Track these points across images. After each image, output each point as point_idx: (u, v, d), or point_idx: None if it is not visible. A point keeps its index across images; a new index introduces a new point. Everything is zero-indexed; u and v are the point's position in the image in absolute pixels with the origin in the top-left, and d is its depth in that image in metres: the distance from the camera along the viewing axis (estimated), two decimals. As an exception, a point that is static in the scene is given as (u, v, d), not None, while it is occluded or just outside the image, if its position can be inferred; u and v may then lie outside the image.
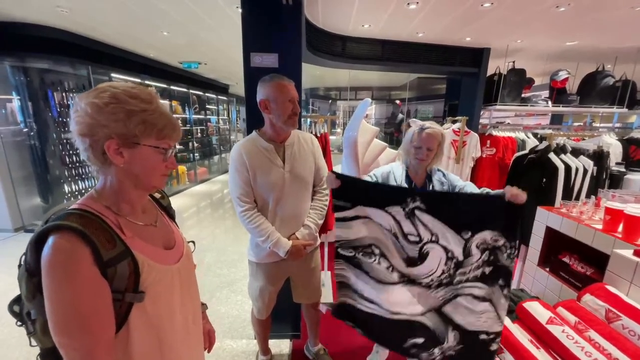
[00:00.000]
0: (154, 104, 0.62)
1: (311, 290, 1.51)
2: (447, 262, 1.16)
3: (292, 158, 1.30)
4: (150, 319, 0.64)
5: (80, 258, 0.54)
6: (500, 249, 1.12)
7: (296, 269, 1.44)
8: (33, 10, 2.86)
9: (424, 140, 1.30)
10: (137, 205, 0.68)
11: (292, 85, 1.23)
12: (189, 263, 0.79)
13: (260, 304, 1.45)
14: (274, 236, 1.26)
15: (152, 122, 0.61)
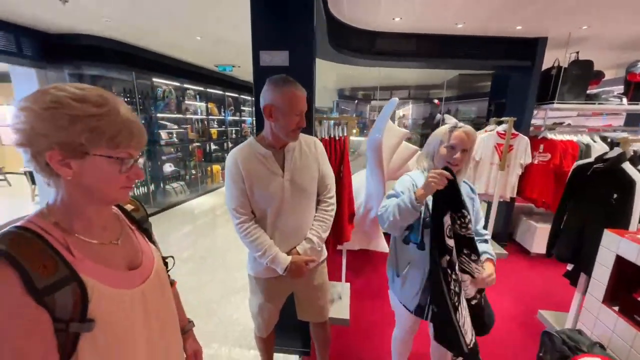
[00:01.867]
0: (105, 107, 0.53)
1: (316, 309, 1.37)
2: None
3: (293, 165, 1.17)
4: (103, 350, 0.56)
5: (6, 289, 0.46)
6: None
7: (299, 286, 1.31)
8: (84, 21, 3.13)
9: (460, 138, 1.10)
10: (94, 221, 0.60)
11: (304, 95, 1.11)
12: (159, 284, 0.70)
13: (260, 321, 1.35)
14: (272, 251, 1.15)
15: (101, 128, 0.52)
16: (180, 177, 5.46)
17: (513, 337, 2.04)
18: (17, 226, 0.52)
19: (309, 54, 1.38)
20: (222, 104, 6.56)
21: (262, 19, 1.36)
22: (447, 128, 1.14)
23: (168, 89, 4.91)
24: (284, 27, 1.36)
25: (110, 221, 0.66)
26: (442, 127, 1.18)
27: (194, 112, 5.76)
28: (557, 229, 2.00)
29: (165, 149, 5.04)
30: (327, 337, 1.51)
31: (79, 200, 0.57)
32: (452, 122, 1.17)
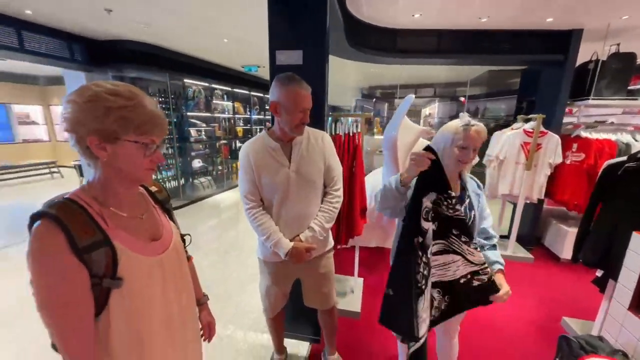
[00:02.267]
0: (134, 100, 0.63)
1: (321, 296, 1.44)
2: None
3: (299, 157, 1.24)
4: (128, 307, 0.67)
5: (55, 244, 0.57)
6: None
7: (303, 272, 1.38)
8: (125, 28, 3.44)
9: (473, 138, 1.08)
10: (123, 197, 0.71)
11: (308, 93, 1.18)
12: (177, 256, 0.80)
13: (267, 302, 1.44)
14: (275, 236, 1.23)
15: (130, 118, 0.63)
16: (207, 172, 5.77)
17: (532, 343, 1.96)
18: (64, 197, 0.64)
19: (322, 52, 1.44)
20: (247, 103, 6.82)
21: (277, 20, 1.45)
22: (460, 126, 1.10)
23: (198, 89, 5.22)
24: (298, 27, 1.43)
25: (137, 199, 0.77)
26: (452, 124, 1.14)
27: (222, 111, 6.05)
28: (584, 231, 1.89)
29: (194, 146, 5.36)
30: (334, 324, 1.57)
31: (112, 179, 0.67)
32: (464, 120, 1.12)
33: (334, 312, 1.53)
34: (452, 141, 1.11)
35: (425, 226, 1.03)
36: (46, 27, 3.38)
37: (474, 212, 1.16)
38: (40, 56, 3.42)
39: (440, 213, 1.05)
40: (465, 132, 1.09)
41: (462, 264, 1.10)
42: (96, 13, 2.91)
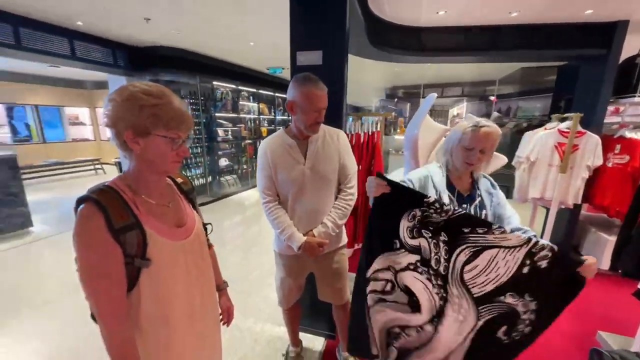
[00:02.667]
0: (164, 99, 0.71)
1: (334, 291, 1.46)
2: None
3: (315, 154, 1.28)
4: (156, 286, 0.75)
5: (95, 223, 0.66)
6: (522, 321, 0.95)
7: (317, 267, 1.42)
8: (161, 35, 3.69)
9: (479, 139, 1.05)
10: (153, 186, 0.79)
11: (323, 93, 1.21)
12: (198, 242, 0.87)
13: (281, 294, 1.49)
14: (289, 230, 1.28)
15: (160, 114, 0.70)
16: (233, 170, 6.00)
17: (564, 357, 1.84)
18: (104, 184, 0.74)
19: (342, 52, 1.47)
20: (272, 104, 7.01)
21: (298, 21, 1.50)
22: (468, 127, 1.07)
23: (225, 91, 5.46)
24: (318, 28, 1.47)
25: (165, 188, 0.85)
26: (462, 123, 1.12)
27: (247, 112, 6.27)
28: (624, 238, 1.75)
29: (221, 145, 5.61)
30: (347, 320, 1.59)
31: (144, 170, 0.76)
32: (473, 121, 1.08)
33: (347, 307, 1.55)
34: (459, 141, 1.09)
35: (415, 243, 0.99)
36: (94, 36, 3.73)
37: (485, 212, 1.13)
38: (88, 63, 3.78)
39: (435, 223, 0.96)
40: (472, 133, 1.05)
41: (504, 254, 0.91)
42: (136, 22, 3.16)
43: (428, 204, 0.96)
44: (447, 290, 0.98)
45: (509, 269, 0.92)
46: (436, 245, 0.98)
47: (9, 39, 2.99)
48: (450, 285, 0.98)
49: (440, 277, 0.99)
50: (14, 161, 3.43)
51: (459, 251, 0.95)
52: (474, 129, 1.06)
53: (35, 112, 6.89)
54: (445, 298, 0.99)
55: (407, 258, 1.01)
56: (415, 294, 1.02)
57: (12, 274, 2.66)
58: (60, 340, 1.88)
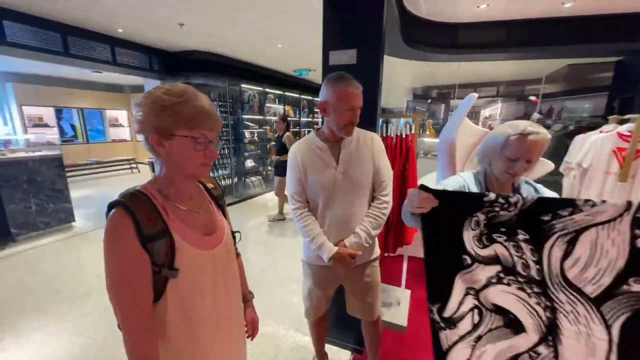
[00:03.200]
0: (184, 97, 0.66)
1: (365, 306, 1.36)
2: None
3: (347, 159, 1.20)
4: (183, 297, 0.71)
5: (125, 230, 0.63)
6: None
7: (347, 279, 1.33)
8: (193, 39, 3.81)
9: (526, 149, 0.90)
10: (183, 191, 0.76)
11: (358, 91, 1.13)
12: (227, 251, 0.83)
13: (308, 304, 1.42)
14: (319, 239, 1.20)
15: (180, 112, 0.66)
16: (258, 172, 6.08)
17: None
18: (135, 189, 0.71)
19: (377, 50, 1.39)
20: (297, 106, 7.03)
21: (332, 19, 1.43)
22: (513, 134, 0.92)
23: (253, 93, 5.54)
24: (353, 26, 1.40)
25: (195, 193, 0.81)
26: (504, 129, 0.95)
27: (273, 114, 6.33)
28: None
29: (247, 147, 5.70)
30: (378, 337, 1.48)
31: (173, 174, 0.72)
32: (518, 128, 0.92)
33: (378, 323, 1.44)
34: (501, 149, 0.94)
35: (490, 253, 0.80)
36: (132, 42, 3.94)
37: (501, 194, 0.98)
38: (127, 68, 3.99)
39: (506, 221, 0.78)
40: (518, 142, 0.90)
41: (606, 231, 0.71)
42: (171, 27, 3.28)
43: (490, 202, 0.78)
44: (549, 297, 0.77)
45: (620, 247, 0.71)
46: (516, 247, 0.78)
47: (58, 46, 3.22)
48: (552, 291, 0.77)
49: (535, 284, 0.78)
50: (60, 160, 3.68)
51: (549, 246, 0.76)
52: (520, 137, 0.91)
53: (81, 114, 7.45)
54: (551, 308, 0.78)
55: (485, 272, 0.82)
56: (510, 311, 0.81)
57: (55, 267, 2.84)
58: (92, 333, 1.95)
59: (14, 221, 3.28)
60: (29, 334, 1.94)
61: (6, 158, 3.26)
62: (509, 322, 0.81)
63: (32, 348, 1.83)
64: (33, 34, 3.01)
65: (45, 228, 3.56)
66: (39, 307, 2.21)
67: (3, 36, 2.79)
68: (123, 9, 2.77)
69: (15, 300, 2.30)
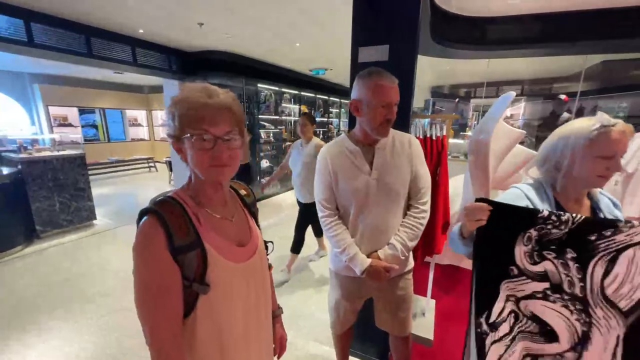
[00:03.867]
0: (180, 96, 0.61)
1: (397, 321, 1.27)
2: None
3: (382, 163, 1.10)
4: (214, 313, 0.65)
5: (156, 241, 0.58)
6: None
7: (378, 292, 1.24)
8: (211, 39, 3.80)
9: (619, 142, 0.78)
10: (213, 197, 0.69)
11: (393, 86, 1.03)
12: (261, 263, 0.77)
13: (335, 317, 1.34)
14: (352, 250, 1.11)
15: (175, 112, 0.61)
16: (273, 172, 6.05)
17: None
18: (167, 195, 0.65)
19: (411, 46, 1.29)
20: (313, 106, 6.96)
21: (363, 13, 1.35)
22: (592, 129, 0.79)
23: (269, 93, 5.51)
24: (385, 20, 1.31)
25: (228, 200, 0.74)
26: (579, 125, 0.82)
27: (288, 113, 6.29)
28: None
29: (263, 147, 5.68)
30: (408, 354, 1.38)
31: (197, 179, 0.67)
32: (601, 119, 0.80)
33: (409, 340, 1.35)
34: (588, 150, 0.79)
35: (539, 269, 0.81)
36: (152, 43, 3.97)
37: (552, 211, 0.83)
38: (147, 68, 4.03)
39: (556, 239, 0.78)
40: (605, 135, 0.77)
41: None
42: (191, 27, 3.27)
43: (543, 219, 0.78)
44: (589, 313, 0.79)
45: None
46: (565, 265, 0.79)
47: (82, 48, 3.28)
48: (592, 308, 0.79)
49: (578, 301, 0.79)
50: (82, 159, 3.77)
51: (592, 264, 0.78)
52: (604, 131, 0.78)
53: (102, 114, 7.66)
54: (588, 323, 0.79)
55: (532, 286, 0.82)
56: (549, 324, 0.82)
57: (77, 265, 2.88)
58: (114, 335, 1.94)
59: (39, 219, 3.37)
60: (52, 332, 1.96)
61: (33, 157, 3.36)
62: (544, 332, 0.83)
63: (55, 346, 1.84)
64: (59, 35, 3.07)
65: (68, 226, 3.65)
66: (61, 306, 2.23)
67: (31, 38, 2.86)
68: (145, 9, 2.78)
69: (40, 297, 2.34)
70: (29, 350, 1.81)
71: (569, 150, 0.83)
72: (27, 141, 4.08)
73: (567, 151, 0.84)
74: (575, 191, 0.88)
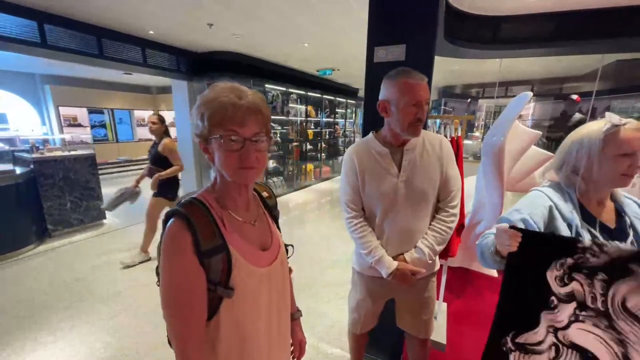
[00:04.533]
0: (209, 96, 0.60)
1: (420, 322, 1.25)
2: None
3: (411, 165, 1.07)
4: (237, 317, 0.65)
5: (183, 244, 0.58)
6: None
7: (402, 293, 1.22)
8: (220, 39, 3.82)
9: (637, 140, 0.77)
10: (238, 200, 0.69)
11: (422, 84, 1.00)
12: (282, 268, 0.76)
13: (356, 316, 1.32)
14: (378, 252, 1.09)
15: (204, 112, 0.60)
16: (279, 172, 6.06)
17: None
18: (193, 197, 0.65)
19: (429, 46, 1.27)
20: (319, 107, 6.96)
21: (379, 12, 1.33)
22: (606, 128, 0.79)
23: (276, 93, 5.52)
24: (403, 18, 1.29)
25: (250, 203, 0.73)
26: (591, 127, 0.83)
27: (295, 114, 6.29)
28: None
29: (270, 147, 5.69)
30: (425, 356, 1.36)
31: (223, 181, 0.66)
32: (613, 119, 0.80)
33: (428, 343, 1.32)
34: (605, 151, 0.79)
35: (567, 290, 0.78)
36: (162, 44, 4.00)
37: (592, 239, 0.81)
38: (157, 69, 4.06)
39: (592, 267, 0.75)
40: (618, 133, 0.78)
41: None
42: (200, 28, 3.29)
43: (583, 249, 0.74)
44: (616, 329, 0.76)
45: None
46: (590, 284, 0.76)
47: (93, 49, 3.32)
48: (615, 322, 0.76)
49: (602, 316, 0.77)
50: (93, 159, 3.81)
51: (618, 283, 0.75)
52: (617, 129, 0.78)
53: (111, 115, 7.76)
54: (622, 341, 0.76)
55: (566, 311, 0.79)
56: (590, 350, 0.79)
57: (88, 264, 2.91)
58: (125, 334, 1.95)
59: (51, 217, 3.41)
60: (65, 331, 1.97)
61: (45, 157, 3.40)
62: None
63: (67, 345, 1.85)
64: (71, 37, 3.11)
65: (78, 225, 3.69)
66: (73, 305, 2.25)
67: (44, 39, 2.90)
68: (156, 10, 2.79)
69: (53, 295, 2.36)
70: (44, 349, 1.82)
71: (585, 153, 0.83)
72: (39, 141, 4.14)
73: (583, 155, 0.83)
74: (597, 194, 0.86)
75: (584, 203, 0.87)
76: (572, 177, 0.87)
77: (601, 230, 0.84)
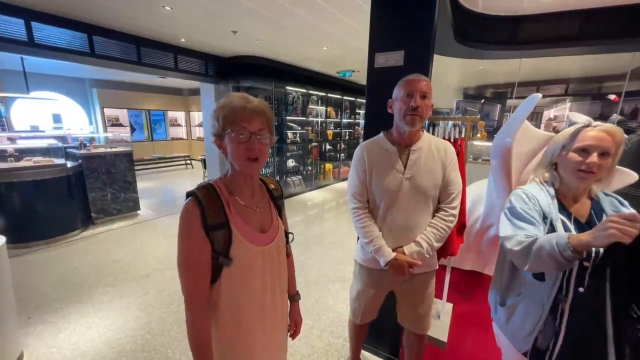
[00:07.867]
0: (224, 102, 0.76)
1: (416, 317, 1.31)
2: None
3: (416, 165, 1.15)
4: (233, 283, 0.79)
5: (193, 218, 0.73)
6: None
7: (401, 286, 1.29)
8: (245, 45, 4.05)
9: (597, 139, 0.84)
10: (244, 188, 0.83)
11: (419, 79, 1.10)
12: (277, 250, 0.88)
13: (356, 305, 1.40)
14: (378, 242, 1.17)
15: (221, 115, 0.75)
16: (299, 172, 6.24)
17: None
18: (209, 182, 0.81)
19: (426, 51, 1.33)
20: (339, 108, 7.05)
21: (379, 20, 1.41)
22: (577, 126, 0.89)
23: (297, 95, 5.70)
24: (401, 27, 1.36)
25: (255, 192, 0.87)
26: (567, 129, 0.92)
27: (315, 115, 6.43)
28: None
29: (290, 147, 5.88)
30: (420, 353, 1.41)
31: (234, 171, 0.81)
32: (581, 121, 0.89)
33: (424, 339, 1.38)
34: (563, 147, 0.90)
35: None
36: (192, 50, 4.33)
37: None
38: (187, 73, 4.39)
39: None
40: (587, 131, 0.86)
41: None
42: (226, 34, 3.53)
43: None
44: None
45: None
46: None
47: (133, 56, 3.69)
48: None
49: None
50: (130, 155, 4.21)
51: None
52: (582, 129, 0.87)
53: (147, 115, 8.41)
54: None
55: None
56: None
57: (124, 249, 3.26)
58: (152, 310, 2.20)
59: (94, 207, 3.84)
60: (103, 304, 2.26)
61: (91, 152, 3.84)
62: None
63: (105, 315, 2.13)
64: (115, 46, 3.50)
65: (117, 214, 4.11)
66: (110, 283, 2.56)
67: (93, 49, 3.29)
68: (187, 20, 3.07)
69: (93, 274, 2.70)
70: (86, 317, 2.12)
71: (558, 149, 0.92)
72: (87, 139, 4.64)
73: (557, 150, 0.93)
74: (569, 190, 0.93)
75: (560, 198, 0.94)
76: (551, 172, 0.95)
77: (575, 224, 0.89)
